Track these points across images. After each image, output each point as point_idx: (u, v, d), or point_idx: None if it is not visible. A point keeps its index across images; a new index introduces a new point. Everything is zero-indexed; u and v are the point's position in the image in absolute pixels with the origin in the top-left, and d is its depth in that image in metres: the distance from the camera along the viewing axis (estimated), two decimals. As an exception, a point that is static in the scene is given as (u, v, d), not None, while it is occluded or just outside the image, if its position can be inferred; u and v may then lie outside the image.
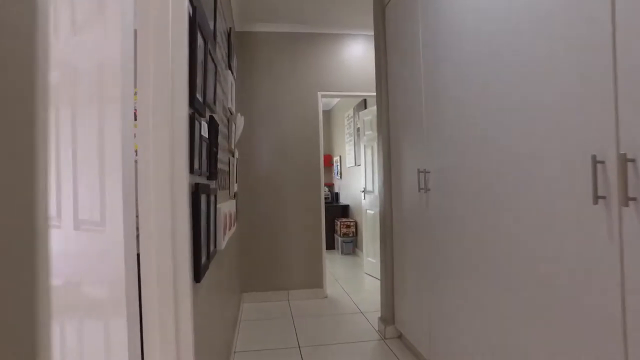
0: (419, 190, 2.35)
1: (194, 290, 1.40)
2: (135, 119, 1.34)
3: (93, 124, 1.36)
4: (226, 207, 2.31)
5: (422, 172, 2.32)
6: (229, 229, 2.51)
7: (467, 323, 1.87)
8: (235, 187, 3.48)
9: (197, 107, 1.46)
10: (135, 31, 1.29)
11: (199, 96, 1.49)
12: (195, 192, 1.41)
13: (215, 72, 2.00)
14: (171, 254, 1.29)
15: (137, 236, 1.34)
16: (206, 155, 1.71)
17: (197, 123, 1.44)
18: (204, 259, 1.54)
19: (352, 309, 3.62)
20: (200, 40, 1.51)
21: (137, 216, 1.39)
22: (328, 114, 7.87)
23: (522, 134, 1.44)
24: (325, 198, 7.02)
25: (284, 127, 4.01)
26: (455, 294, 1.99)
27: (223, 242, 2.05)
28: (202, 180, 1.63)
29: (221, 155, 2.42)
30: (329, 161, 7.67)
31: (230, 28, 3.00)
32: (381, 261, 3.06)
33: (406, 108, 2.58)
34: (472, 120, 1.78)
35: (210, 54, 1.79)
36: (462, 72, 1.86)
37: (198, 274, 1.40)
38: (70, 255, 0.74)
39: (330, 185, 7.63)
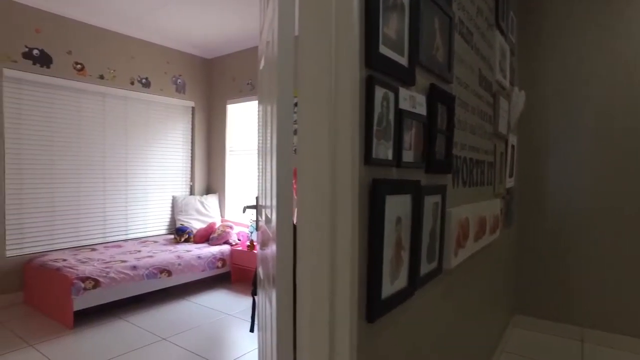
0: None
1: (365, 332, 0.98)
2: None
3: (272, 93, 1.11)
4: (471, 211, 1.73)
5: None
6: (480, 237, 1.90)
7: None
8: (509, 182, 2.73)
9: (385, 69, 1.01)
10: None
11: (387, 51, 1.03)
12: (374, 191, 0.97)
13: (451, 26, 1.46)
14: (327, 278, 0.92)
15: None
16: (414, 139, 1.22)
17: (381, 91, 0.99)
18: (393, 287, 1.09)
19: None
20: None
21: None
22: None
23: None
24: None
25: (590, 104, 2.86)
26: None
27: (453, 258, 1.50)
28: (404, 174, 1.17)
29: (471, 141, 1.83)
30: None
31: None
32: None
33: None
34: None
35: (433, -3, 1.28)
36: None
37: (371, 310, 0.97)
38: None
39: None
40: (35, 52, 3.62)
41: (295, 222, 1.08)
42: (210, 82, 5.20)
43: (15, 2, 3.48)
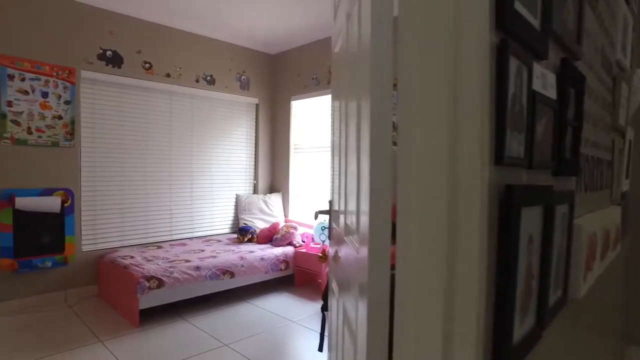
0: None
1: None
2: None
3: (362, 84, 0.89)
4: (596, 222, 1.37)
5: None
6: (605, 254, 1.53)
7: None
8: (625, 185, 2.27)
9: (519, 34, 0.73)
10: None
11: (522, 10, 0.75)
12: (509, 202, 0.70)
13: (584, -15, 1.13)
14: (440, 316, 0.66)
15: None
16: (544, 131, 0.92)
17: (515, 63, 0.71)
18: (523, 328, 0.80)
19: None
20: None
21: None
22: None
23: None
24: None
25: None
26: None
27: (582, 284, 1.17)
28: (534, 178, 0.88)
29: (592, 135, 1.47)
30: None
31: None
32: None
33: None
34: None
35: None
36: None
37: (501, 366, 0.70)
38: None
39: None
40: (108, 53, 3.70)
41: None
42: (274, 78, 5.10)
43: (91, 6, 3.57)
